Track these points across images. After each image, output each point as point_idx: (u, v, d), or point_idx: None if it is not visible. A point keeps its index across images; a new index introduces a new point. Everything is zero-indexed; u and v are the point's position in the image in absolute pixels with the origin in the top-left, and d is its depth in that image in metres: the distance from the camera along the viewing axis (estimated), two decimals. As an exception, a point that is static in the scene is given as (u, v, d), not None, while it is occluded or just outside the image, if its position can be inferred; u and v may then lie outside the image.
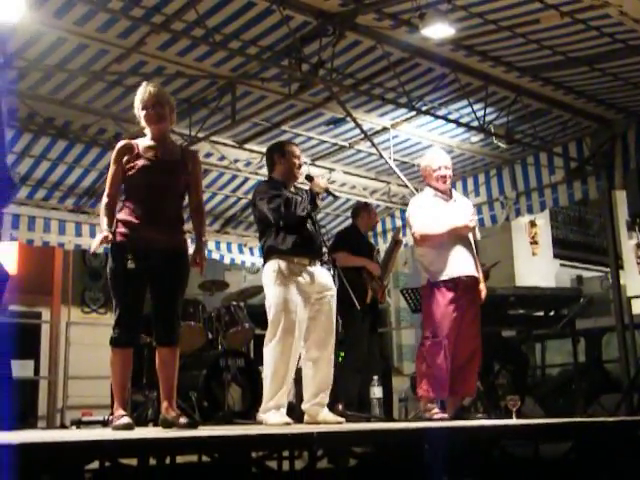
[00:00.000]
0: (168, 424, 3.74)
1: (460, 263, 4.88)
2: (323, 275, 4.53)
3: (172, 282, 3.84)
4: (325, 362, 4.48)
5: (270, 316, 4.39)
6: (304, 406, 4.48)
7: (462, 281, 4.87)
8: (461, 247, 4.92)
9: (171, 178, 3.91)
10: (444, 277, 4.86)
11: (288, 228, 4.42)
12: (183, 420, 3.71)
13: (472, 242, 5.02)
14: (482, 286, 5.02)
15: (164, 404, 3.81)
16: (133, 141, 3.92)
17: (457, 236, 4.92)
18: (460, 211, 5.04)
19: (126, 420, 3.60)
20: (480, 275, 5.06)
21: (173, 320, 3.86)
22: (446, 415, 4.72)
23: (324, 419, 4.34)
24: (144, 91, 3.92)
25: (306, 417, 4.48)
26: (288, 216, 4.38)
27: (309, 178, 4.59)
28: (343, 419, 4.43)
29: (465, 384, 4.92)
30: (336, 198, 4.77)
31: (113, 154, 3.89)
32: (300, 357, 4.48)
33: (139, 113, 3.92)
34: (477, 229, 5.24)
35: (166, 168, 3.89)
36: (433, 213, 4.97)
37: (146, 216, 3.79)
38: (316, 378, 4.44)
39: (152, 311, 3.84)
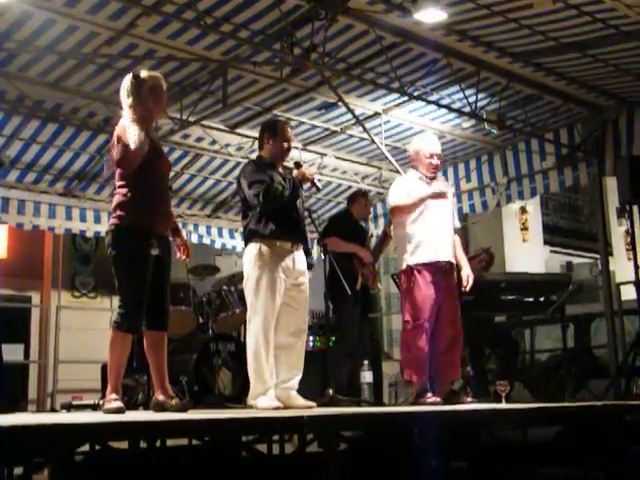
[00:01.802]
0: (159, 407, 3.75)
1: (439, 247, 4.87)
2: (302, 261, 4.53)
3: (168, 268, 3.90)
4: (298, 350, 4.49)
5: (248, 298, 4.41)
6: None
7: (441, 265, 4.88)
8: (441, 232, 4.89)
9: (167, 166, 3.98)
10: (423, 260, 4.84)
11: (270, 212, 4.42)
12: (174, 402, 3.72)
13: (451, 229, 5.01)
14: (468, 272, 5.03)
15: (157, 387, 3.81)
16: None
17: (435, 222, 4.89)
18: (435, 189, 4.99)
19: (118, 404, 3.60)
20: (464, 262, 5.08)
21: (167, 304, 3.91)
22: (439, 399, 4.74)
23: (294, 403, 4.34)
24: (156, 79, 3.88)
25: None
26: (266, 204, 4.37)
27: (297, 165, 4.58)
28: (314, 404, 4.42)
29: (450, 368, 4.94)
30: (318, 190, 4.77)
31: (120, 130, 3.72)
32: None
33: (151, 104, 3.83)
34: (456, 216, 5.22)
35: (163, 156, 3.98)
36: (412, 190, 4.91)
37: (157, 202, 3.81)
38: (287, 365, 4.44)
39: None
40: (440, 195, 4.90)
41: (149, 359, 3.86)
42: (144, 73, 3.89)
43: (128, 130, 3.66)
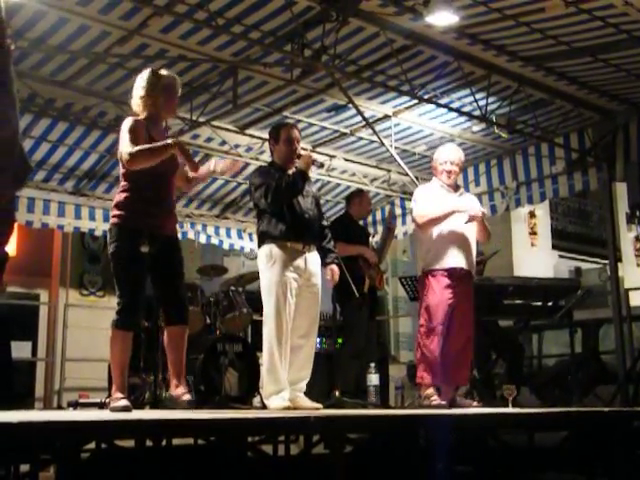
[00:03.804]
0: (174, 401, 3.83)
1: (456, 255, 4.92)
2: (315, 262, 4.53)
3: (178, 265, 3.97)
4: (307, 352, 4.49)
5: (264, 300, 4.42)
6: None
7: (457, 272, 4.93)
8: (459, 239, 4.96)
9: (172, 165, 3.97)
10: (439, 266, 4.92)
11: (281, 213, 4.43)
12: (187, 397, 3.80)
13: (473, 236, 5.04)
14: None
15: (173, 381, 3.89)
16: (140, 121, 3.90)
17: (454, 228, 4.94)
18: (465, 203, 5.07)
19: (124, 402, 3.63)
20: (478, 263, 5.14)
21: (184, 300, 4.00)
22: (444, 402, 4.74)
23: (300, 404, 4.35)
24: (172, 79, 4.01)
25: None
26: (273, 202, 4.41)
27: (299, 156, 4.59)
28: (320, 405, 4.43)
29: (458, 373, 4.98)
30: (322, 167, 4.80)
31: (129, 126, 3.81)
32: None
33: (156, 100, 3.90)
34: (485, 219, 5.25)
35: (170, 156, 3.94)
36: (437, 200, 5.03)
37: (154, 201, 3.88)
38: (295, 366, 4.45)
39: (160, 294, 3.95)
40: (474, 218, 4.98)
41: (168, 354, 3.94)
42: (163, 71, 4.02)
43: (121, 137, 3.79)
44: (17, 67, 5.85)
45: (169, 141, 3.78)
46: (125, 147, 3.74)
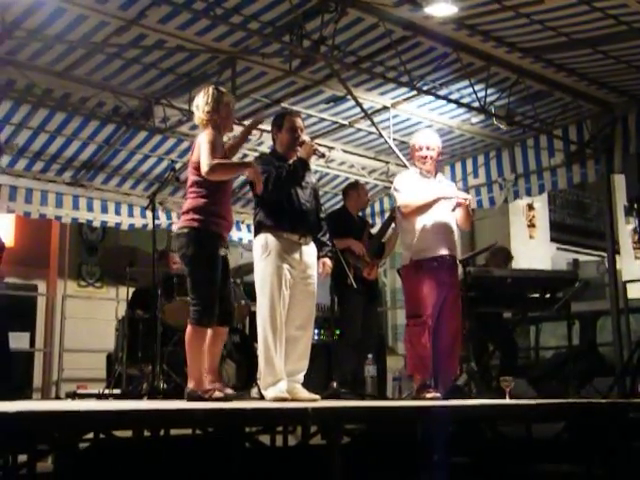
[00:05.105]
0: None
1: (442, 242, 4.88)
2: (310, 254, 4.52)
3: (229, 269, 4.26)
4: (304, 343, 4.49)
5: (258, 290, 4.41)
6: None
7: (445, 260, 4.88)
8: (442, 227, 4.89)
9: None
10: (427, 255, 4.85)
11: (280, 203, 4.41)
12: (229, 391, 4.10)
13: (455, 224, 5.01)
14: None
15: (209, 377, 4.10)
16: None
17: (439, 216, 4.90)
18: (450, 190, 5.05)
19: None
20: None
21: (232, 303, 4.31)
22: (439, 394, 4.74)
23: (298, 396, 4.34)
24: (231, 97, 4.38)
25: None
26: (273, 190, 4.38)
27: (301, 144, 4.57)
28: (318, 396, 4.42)
29: (451, 363, 4.95)
30: (323, 156, 4.80)
31: (209, 138, 4.01)
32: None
33: (219, 115, 4.16)
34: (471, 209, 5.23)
35: None
36: (417, 188, 4.95)
37: (226, 207, 4.20)
38: (293, 357, 4.44)
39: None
40: (461, 205, 4.98)
41: (209, 350, 4.15)
42: (223, 89, 4.35)
43: (202, 149, 3.99)
44: (15, 57, 5.84)
45: (247, 161, 4.24)
46: (206, 158, 3.96)
